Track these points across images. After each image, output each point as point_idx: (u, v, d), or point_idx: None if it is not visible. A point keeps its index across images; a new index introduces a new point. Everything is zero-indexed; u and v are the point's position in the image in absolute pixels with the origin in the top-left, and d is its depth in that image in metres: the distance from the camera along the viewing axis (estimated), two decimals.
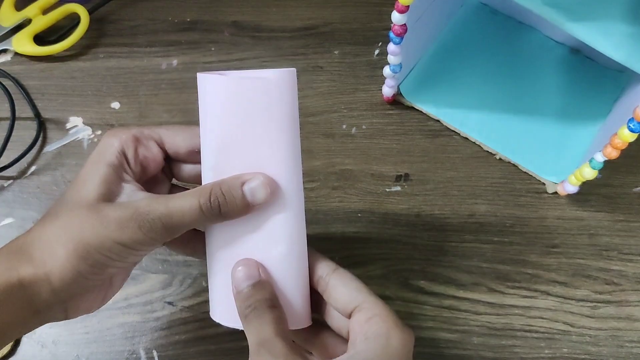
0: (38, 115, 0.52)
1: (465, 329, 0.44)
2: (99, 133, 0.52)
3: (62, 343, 0.44)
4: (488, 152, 0.50)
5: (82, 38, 0.55)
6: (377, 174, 0.50)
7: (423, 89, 0.52)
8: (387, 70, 0.48)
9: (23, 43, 0.55)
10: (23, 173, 0.50)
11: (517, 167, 0.50)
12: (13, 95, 0.52)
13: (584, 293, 0.45)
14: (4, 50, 0.55)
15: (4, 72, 0.54)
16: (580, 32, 0.38)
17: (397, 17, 0.42)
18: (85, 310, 0.34)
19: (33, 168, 0.50)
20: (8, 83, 0.53)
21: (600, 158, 0.42)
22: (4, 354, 0.43)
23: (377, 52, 0.55)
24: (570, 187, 0.46)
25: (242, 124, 0.32)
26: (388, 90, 0.51)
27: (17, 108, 0.51)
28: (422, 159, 0.50)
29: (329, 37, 0.56)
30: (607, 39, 0.38)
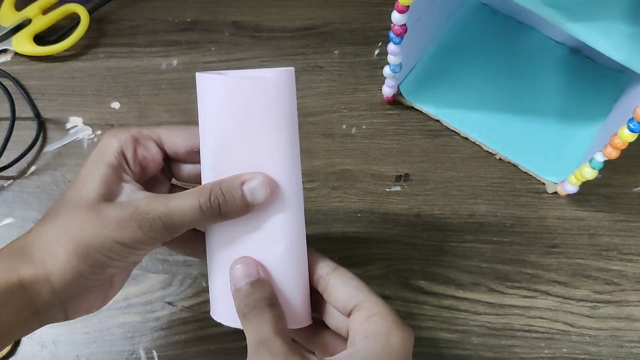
0: (38, 115, 0.52)
1: (465, 329, 0.44)
2: (99, 133, 0.52)
3: (62, 343, 0.44)
4: (488, 152, 0.50)
5: (82, 38, 0.55)
6: (377, 174, 0.50)
7: (423, 89, 0.52)
8: (387, 70, 0.48)
9: (23, 43, 0.55)
10: (23, 173, 0.50)
11: (517, 167, 0.50)
12: (13, 95, 0.52)
13: (584, 293, 0.45)
14: (4, 50, 0.55)
15: (4, 72, 0.54)
16: (580, 32, 0.38)
17: (397, 17, 0.42)
18: (86, 311, 0.34)
19: (33, 168, 0.50)
20: (8, 83, 0.53)
21: (600, 158, 0.42)
22: (4, 354, 0.43)
23: (377, 52, 0.55)
24: (570, 187, 0.46)
25: (241, 124, 0.32)
26: (388, 90, 0.51)
27: (17, 108, 0.51)
28: (422, 159, 0.50)
29: (329, 37, 0.56)
30: (607, 39, 0.38)
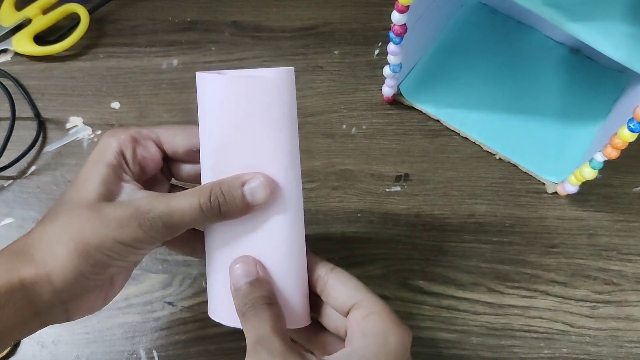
0: (38, 115, 0.52)
1: (464, 329, 0.44)
2: (99, 133, 0.52)
3: (62, 343, 0.44)
4: (488, 152, 0.50)
5: (82, 38, 0.55)
6: (377, 174, 0.50)
7: (423, 89, 0.52)
8: (387, 70, 0.48)
9: (23, 43, 0.55)
10: (23, 173, 0.50)
11: (517, 167, 0.50)
12: (13, 95, 0.52)
13: (584, 293, 0.45)
14: (4, 50, 0.55)
15: (4, 72, 0.54)
16: (580, 32, 0.38)
17: (397, 17, 0.42)
18: (87, 311, 0.34)
19: (33, 168, 0.50)
20: (8, 83, 0.53)
21: (600, 158, 0.42)
22: (4, 354, 0.43)
23: (377, 52, 0.55)
24: (570, 187, 0.46)
25: (241, 123, 0.32)
26: (388, 90, 0.51)
27: (17, 108, 0.51)
28: (422, 159, 0.50)
29: (329, 37, 0.56)
30: (607, 39, 0.38)
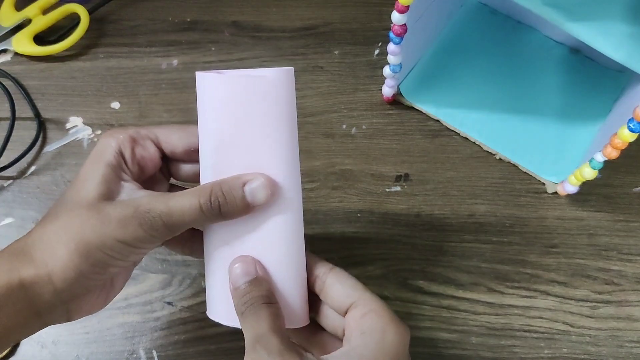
0: (38, 115, 0.52)
1: (464, 329, 0.44)
2: (99, 133, 0.52)
3: (62, 343, 0.44)
4: (488, 152, 0.50)
5: (82, 38, 0.55)
6: (377, 174, 0.50)
7: (423, 89, 0.52)
8: (387, 70, 0.48)
9: (23, 43, 0.55)
10: (23, 173, 0.50)
11: (517, 167, 0.50)
12: (13, 95, 0.52)
13: (584, 293, 0.45)
14: (4, 50, 0.55)
15: (4, 72, 0.54)
16: (580, 32, 0.38)
17: (397, 17, 0.42)
18: (88, 312, 0.34)
19: (33, 168, 0.50)
20: (8, 83, 0.53)
21: (600, 158, 0.42)
22: (4, 355, 0.43)
23: (377, 52, 0.55)
24: (570, 187, 0.46)
25: (240, 123, 0.32)
26: (388, 90, 0.51)
27: (17, 108, 0.51)
28: (422, 159, 0.50)
29: (329, 37, 0.56)
30: (607, 39, 0.38)
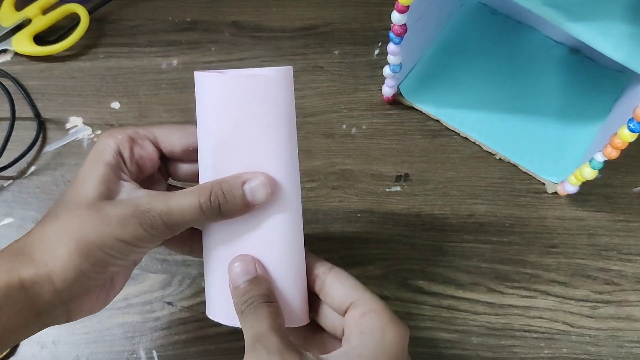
0: (38, 115, 0.52)
1: (464, 329, 0.44)
2: (99, 133, 0.52)
3: (62, 343, 0.44)
4: (488, 152, 0.50)
5: (82, 38, 0.55)
6: (377, 174, 0.50)
7: (423, 89, 0.52)
8: (387, 70, 0.48)
9: (23, 43, 0.55)
10: (23, 173, 0.50)
11: (517, 167, 0.50)
12: (13, 95, 0.52)
13: (584, 293, 0.45)
14: (4, 50, 0.55)
15: (4, 72, 0.54)
16: (580, 32, 0.38)
17: (397, 17, 0.42)
18: (88, 312, 0.34)
19: (33, 168, 0.50)
20: (8, 83, 0.53)
21: (600, 158, 0.42)
22: (4, 355, 0.43)
23: (377, 52, 0.55)
24: (570, 187, 0.46)
25: (239, 122, 0.32)
26: (388, 90, 0.51)
27: (17, 108, 0.51)
28: (422, 159, 0.50)
29: (329, 37, 0.56)
30: (607, 39, 0.38)
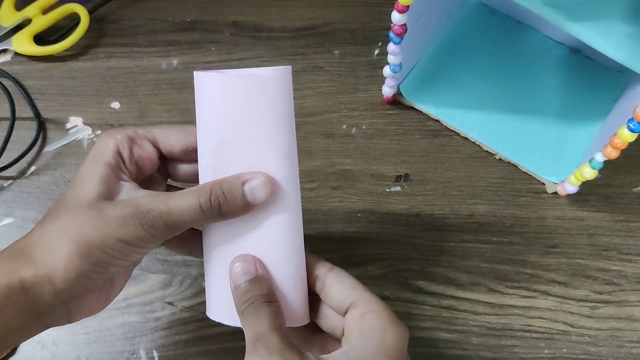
0: (38, 115, 0.52)
1: (465, 329, 0.44)
2: (99, 133, 0.52)
3: (62, 343, 0.44)
4: (488, 152, 0.50)
5: (82, 38, 0.55)
6: (377, 174, 0.50)
7: (423, 89, 0.52)
8: (387, 70, 0.48)
9: (23, 43, 0.55)
10: (23, 173, 0.50)
11: (517, 167, 0.50)
12: (13, 95, 0.52)
13: (584, 293, 0.45)
14: (4, 50, 0.55)
15: (4, 72, 0.54)
16: (580, 32, 0.38)
17: (397, 17, 0.42)
18: (88, 313, 0.34)
19: (33, 168, 0.50)
20: (8, 83, 0.53)
21: (600, 158, 0.42)
22: (4, 355, 0.43)
23: (377, 52, 0.55)
24: (570, 187, 0.46)
25: (238, 122, 0.32)
26: (388, 90, 0.51)
27: (17, 108, 0.51)
28: (422, 159, 0.50)
29: (329, 37, 0.56)
30: (607, 39, 0.38)
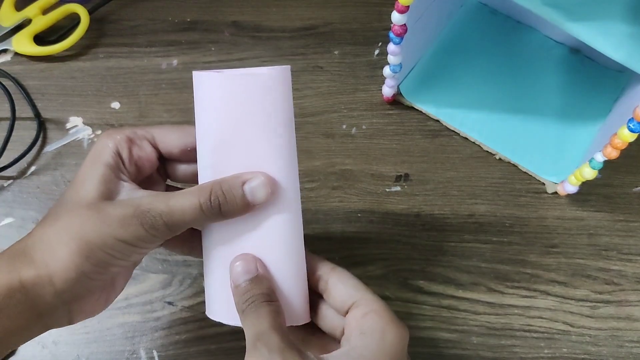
0: (38, 115, 0.52)
1: (465, 329, 0.44)
2: (99, 133, 0.52)
3: (62, 343, 0.44)
4: (488, 152, 0.50)
5: (82, 38, 0.55)
6: (377, 174, 0.50)
7: (423, 89, 0.52)
8: (387, 70, 0.48)
9: (23, 43, 0.55)
10: (23, 173, 0.50)
11: (517, 167, 0.50)
12: (13, 95, 0.52)
13: (584, 293, 0.45)
14: (4, 50, 0.55)
15: (4, 72, 0.54)
16: (580, 32, 0.38)
17: (397, 17, 0.42)
18: (89, 313, 0.34)
19: (33, 168, 0.50)
20: (8, 83, 0.53)
21: (600, 158, 0.42)
22: (4, 355, 0.43)
23: (377, 52, 0.55)
24: (570, 187, 0.46)
25: (237, 122, 0.32)
26: (388, 90, 0.51)
27: (17, 108, 0.51)
28: (422, 159, 0.50)
29: (329, 37, 0.56)
30: (607, 39, 0.38)
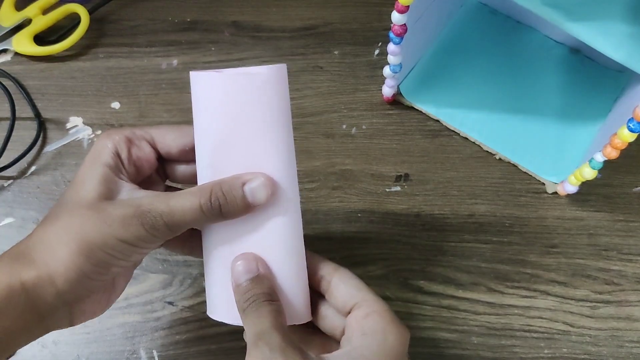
0: (38, 115, 0.52)
1: (465, 329, 0.44)
2: (99, 133, 0.52)
3: (62, 343, 0.44)
4: (488, 152, 0.50)
5: (82, 38, 0.55)
6: (377, 174, 0.50)
7: (423, 89, 0.52)
8: (387, 70, 0.48)
9: (23, 43, 0.55)
10: (23, 173, 0.50)
11: (517, 167, 0.50)
12: (13, 95, 0.52)
13: (584, 293, 0.45)
14: (4, 50, 0.55)
15: (4, 72, 0.54)
16: (580, 32, 0.38)
17: (397, 17, 0.42)
18: (90, 315, 0.34)
19: (33, 168, 0.50)
20: (8, 83, 0.53)
21: (600, 158, 0.42)
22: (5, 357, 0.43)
23: (377, 52, 0.55)
24: (570, 187, 0.46)
25: (235, 121, 0.32)
26: (388, 90, 0.51)
27: (17, 108, 0.51)
28: (422, 159, 0.50)
29: (329, 37, 0.56)
30: (607, 39, 0.38)
